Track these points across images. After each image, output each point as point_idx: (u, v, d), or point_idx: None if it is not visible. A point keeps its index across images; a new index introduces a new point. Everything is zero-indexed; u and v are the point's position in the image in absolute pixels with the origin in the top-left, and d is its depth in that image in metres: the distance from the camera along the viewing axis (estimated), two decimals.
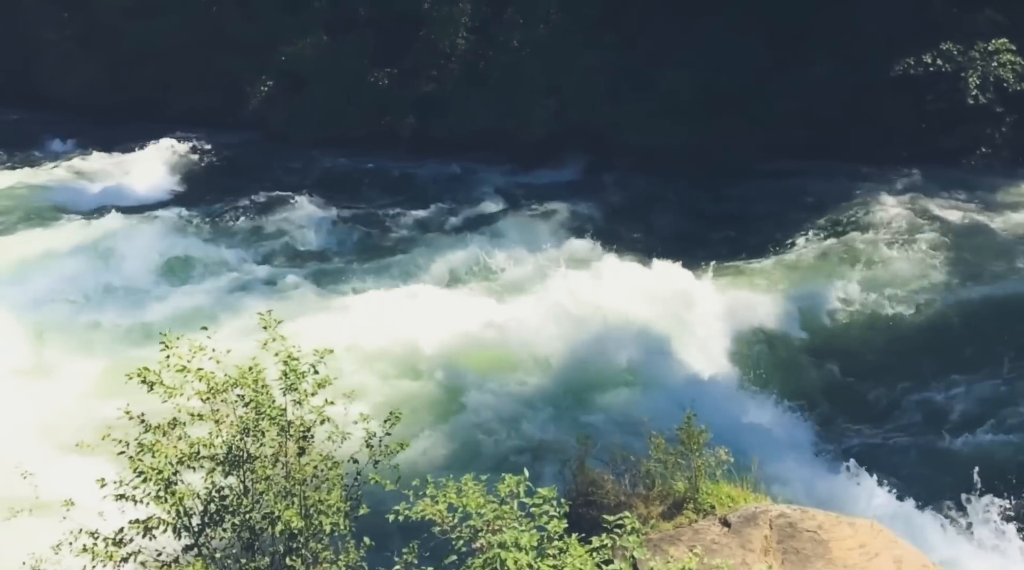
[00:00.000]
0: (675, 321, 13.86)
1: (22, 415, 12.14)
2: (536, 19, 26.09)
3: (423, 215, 21.61)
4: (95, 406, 12.07)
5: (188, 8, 29.45)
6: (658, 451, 8.49)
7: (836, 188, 21.52)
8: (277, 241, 19.81)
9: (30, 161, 26.22)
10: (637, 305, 14.19)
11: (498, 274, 17.48)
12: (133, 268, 17.82)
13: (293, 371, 7.28)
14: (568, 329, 13.76)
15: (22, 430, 11.51)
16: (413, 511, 5.59)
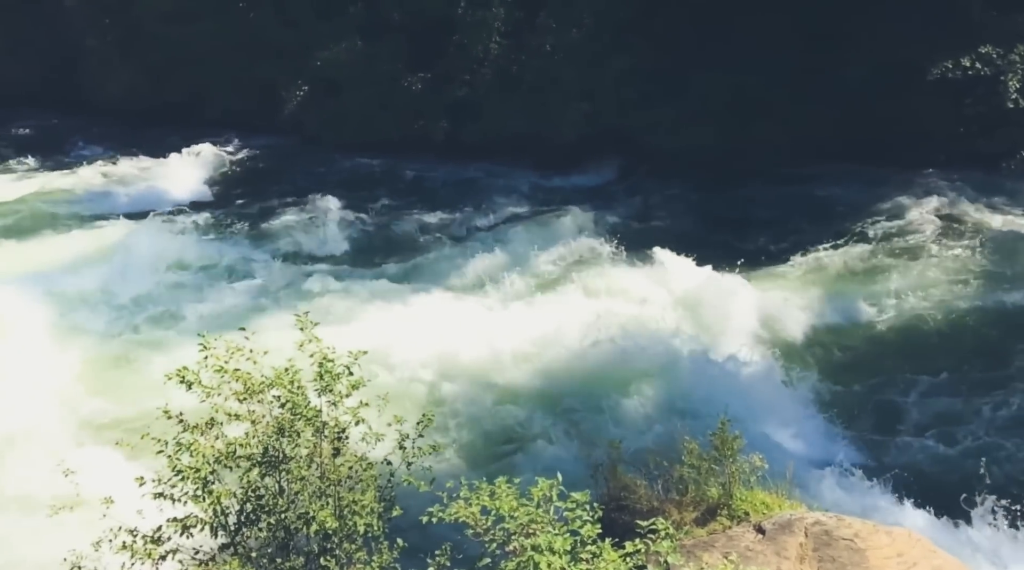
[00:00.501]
0: (707, 327, 13.75)
1: (62, 414, 12.37)
2: (569, 23, 26.10)
3: (455, 219, 21.69)
4: (134, 405, 12.29)
5: (226, 14, 29.86)
6: (691, 457, 8.44)
7: (871, 193, 21.24)
8: (311, 244, 19.99)
9: (70, 164, 26.74)
10: (669, 310, 14.11)
11: (530, 277, 17.46)
12: (170, 270, 18.10)
13: (328, 372, 7.35)
14: (600, 333, 13.72)
15: (64, 429, 11.74)
16: (446, 513, 5.60)
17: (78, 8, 32.32)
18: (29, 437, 11.64)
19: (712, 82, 23.67)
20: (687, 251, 17.23)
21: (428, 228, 21.27)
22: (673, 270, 16.49)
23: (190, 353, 10.26)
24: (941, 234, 18.78)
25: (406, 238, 20.70)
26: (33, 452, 11.24)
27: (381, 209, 22.40)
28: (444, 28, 27.10)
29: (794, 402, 12.60)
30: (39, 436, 11.65)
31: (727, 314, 14.49)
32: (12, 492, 10.64)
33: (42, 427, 11.95)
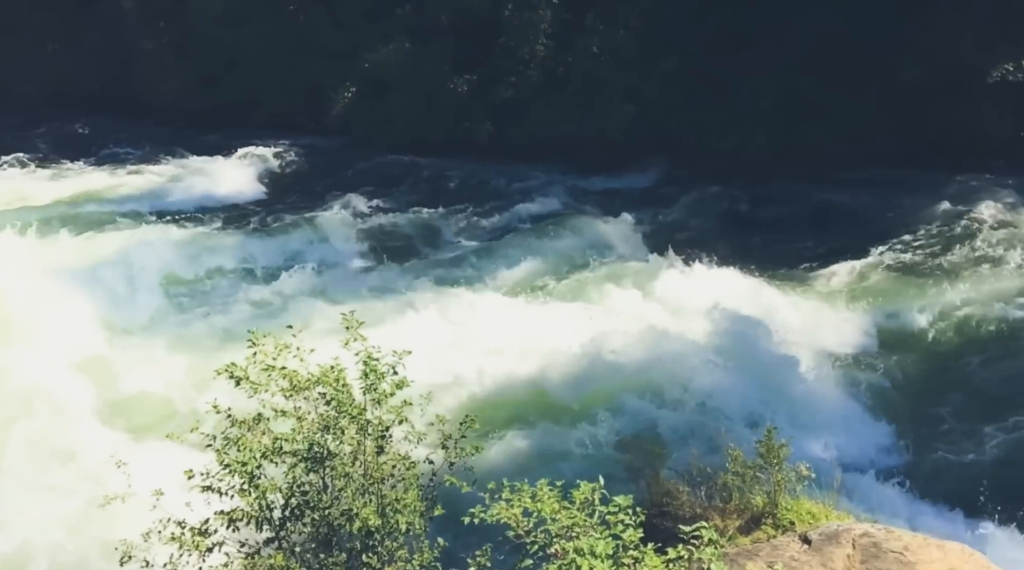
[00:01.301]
0: (754, 334, 13.54)
1: (115, 406, 12.67)
2: (616, 25, 25.98)
3: (499, 220, 21.73)
4: (184, 399, 12.56)
5: (277, 17, 30.35)
6: (736, 464, 8.33)
7: (925, 199, 20.73)
8: (357, 243, 20.20)
9: (124, 163, 27.40)
10: (715, 314, 13.93)
11: (574, 280, 17.42)
12: (219, 267, 18.45)
13: (373, 371, 7.41)
14: (644, 337, 13.61)
15: (116, 420, 12.03)
16: (488, 514, 5.59)
17: (135, 11, 33.13)
18: (80, 429, 11.95)
19: (762, 84, 23.38)
20: (734, 255, 17.03)
21: (472, 229, 21.34)
22: (719, 275, 16.29)
23: (238, 349, 10.44)
24: (998, 242, 18.25)
25: (449, 239, 20.80)
26: (84, 444, 11.55)
27: (425, 210, 22.54)
28: (491, 30, 27.19)
29: (843, 412, 12.35)
30: (90, 428, 11.95)
31: (775, 321, 14.26)
32: (65, 482, 10.93)
33: (92, 419, 12.25)
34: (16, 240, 19.50)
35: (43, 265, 17.32)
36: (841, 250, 18.55)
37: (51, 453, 11.76)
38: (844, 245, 18.86)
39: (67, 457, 11.63)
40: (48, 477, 11.32)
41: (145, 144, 29.71)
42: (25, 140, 30.69)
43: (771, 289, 16.04)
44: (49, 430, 12.15)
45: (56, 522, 10.45)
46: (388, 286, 17.13)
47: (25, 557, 10.06)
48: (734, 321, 13.72)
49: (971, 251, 18.06)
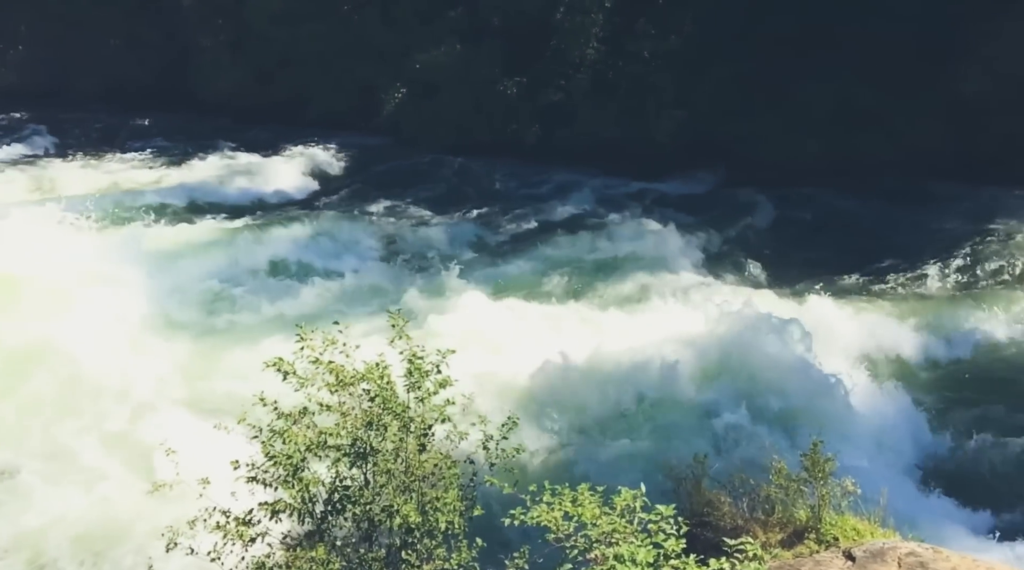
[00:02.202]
0: (802, 346, 13.29)
1: (166, 395, 12.94)
2: (668, 30, 25.82)
3: (545, 223, 21.71)
4: (233, 390, 12.77)
5: (331, 16, 30.78)
6: (779, 477, 8.19)
7: (983, 213, 20.19)
8: (403, 243, 20.34)
9: (179, 158, 27.98)
10: (761, 323, 13.71)
11: (618, 285, 17.31)
12: (268, 262, 18.74)
13: (417, 369, 7.47)
14: (687, 346, 13.45)
15: (166, 409, 12.27)
16: (528, 516, 5.59)
17: (194, 8, 33.90)
18: (132, 419, 12.24)
19: (816, 92, 23.03)
20: (784, 264, 16.79)
21: (516, 232, 21.35)
22: (767, 284, 16.07)
23: (285, 343, 10.59)
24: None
25: (494, 241, 20.83)
26: (135, 433, 11.83)
27: (471, 211, 22.63)
28: (542, 33, 27.21)
29: (891, 427, 12.07)
30: (142, 418, 12.23)
31: (823, 332, 14.00)
32: (117, 470, 11.20)
33: (144, 409, 12.54)
34: (74, 228, 20.03)
35: (99, 254, 17.75)
36: (894, 262, 18.16)
37: (102, 437, 12.06)
38: (897, 257, 18.46)
39: (118, 442, 11.92)
40: (100, 461, 11.61)
41: (199, 139, 30.32)
42: (86, 131, 31.61)
43: (820, 300, 15.74)
44: (104, 415, 12.46)
45: (104, 506, 10.73)
46: (432, 285, 17.21)
47: (70, 537, 10.33)
48: (781, 331, 13.49)
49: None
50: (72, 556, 10.05)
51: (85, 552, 10.11)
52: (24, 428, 12.38)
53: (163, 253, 18.95)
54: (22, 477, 11.47)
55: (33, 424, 12.50)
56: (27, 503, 10.90)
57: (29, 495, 11.04)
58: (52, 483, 11.25)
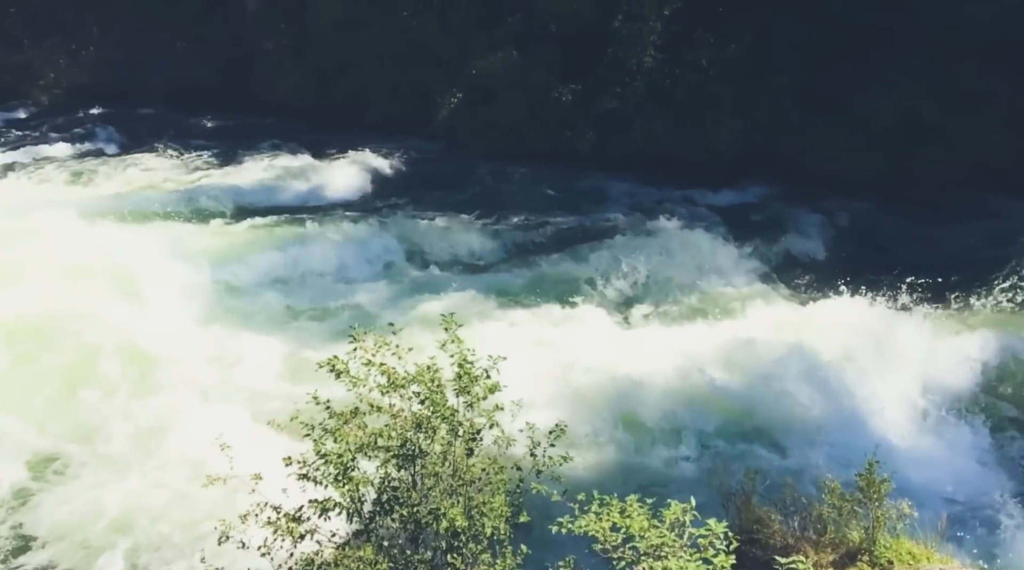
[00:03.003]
0: (863, 362, 12.97)
1: (223, 391, 13.21)
2: (727, 39, 25.55)
3: (597, 231, 21.58)
4: (286, 388, 13.00)
5: (390, 22, 31.18)
6: (832, 496, 8.02)
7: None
8: (456, 247, 20.44)
9: (240, 159, 28.55)
10: (821, 341, 13.44)
11: (671, 297, 17.13)
12: (324, 263, 19.02)
13: (467, 374, 7.50)
14: (744, 359, 13.25)
15: (220, 407, 12.53)
16: (576, 525, 5.57)
17: (258, 12, 34.67)
18: (189, 413, 12.52)
19: (878, 103, 22.56)
20: (844, 280, 16.43)
21: (568, 240, 21.28)
22: (827, 299, 15.73)
23: (338, 343, 10.70)
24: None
25: (547, 248, 20.78)
26: (192, 427, 12.09)
27: (523, 217, 22.63)
28: (599, 40, 27.16)
29: (953, 450, 11.71)
30: (198, 412, 12.51)
31: (886, 350, 13.64)
32: (174, 463, 11.47)
33: (200, 404, 12.82)
34: (139, 226, 20.61)
35: (163, 251, 18.22)
36: (958, 281, 17.62)
37: (158, 428, 12.37)
38: (961, 276, 17.90)
39: (172, 433, 12.21)
40: (154, 451, 11.91)
41: (259, 140, 30.93)
42: (150, 130, 32.51)
43: (879, 317, 15.36)
44: (159, 406, 12.78)
45: (155, 496, 11.00)
46: (483, 290, 17.25)
47: (117, 525, 10.60)
48: (838, 348, 13.21)
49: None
50: (119, 544, 10.31)
51: (133, 541, 10.37)
52: (81, 414, 12.77)
53: (219, 251, 19.37)
54: (74, 462, 11.83)
55: (89, 410, 12.89)
56: (74, 489, 11.24)
57: (78, 481, 11.38)
58: (103, 470, 11.58)
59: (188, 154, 29.09)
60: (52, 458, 11.98)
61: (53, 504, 11.06)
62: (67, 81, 37.26)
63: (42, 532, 10.62)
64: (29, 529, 10.72)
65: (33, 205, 21.75)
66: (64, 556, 10.28)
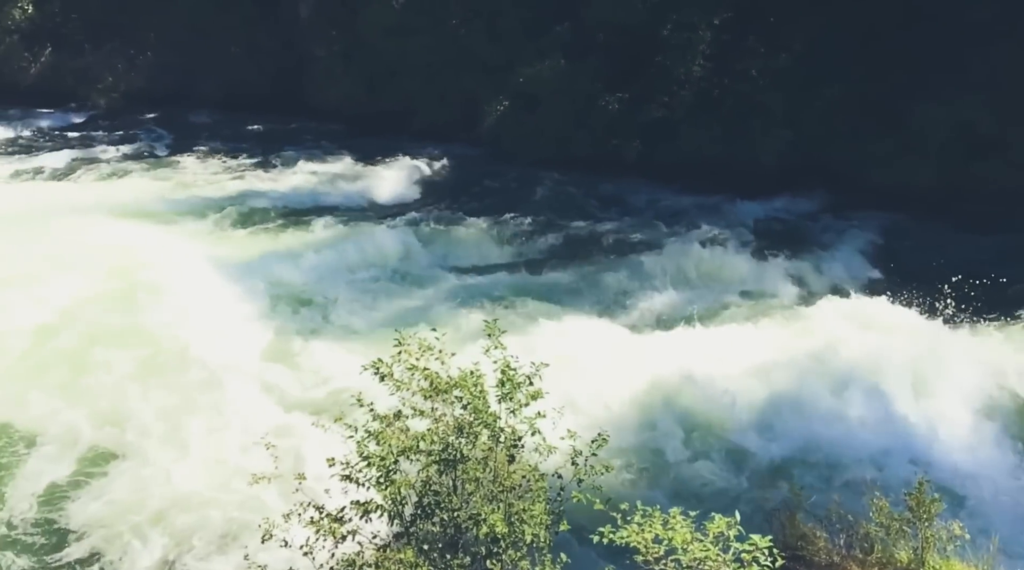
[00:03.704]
0: (915, 379, 12.64)
1: (270, 393, 13.41)
2: (778, 48, 25.25)
3: (642, 240, 21.49)
4: (330, 389, 13.16)
5: (440, 30, 31.42)
6: (880, 515, 7.85)
7: None
8: (499, 253, 20.51)
9: (290, 163, 29.01)
10: (872, 357, 13.14)
11: (719, 307, 16.93)
12: (370, 267, 19.23)
13: (510, 380, 7.50)
14: (791, 372, 13.03)
15: (268, 407, 12.72)
16: (618, 535, 5.52)
17: (310, 19, 35.21)
18: (237, 413, 12.74)
19: (934, 115, 22.07)
20: (896, 294, 16.08)
21: (612, 248, 21.20)
22: (879, 314, 15.39)
23: (381, 346, 10.74)
24: None
25: (592, 256, 20.72)
26: (239, 426, 12.30)
27: (567, 225, 22.60)
28: (647, 49, 27.03)
29: (1007, 471, 11.38)
30: (247, 412, 12.71)
31: (938, 367, 13.31)
32: (223, 462, 11.67)
33: (248, 404, 13.02)
34: (192, 229, 21.05)
35: (215, 254, 18.59)
36: (1011, 296, 17.14)
37: (203, 425, 12.60)
38: (1014, 291, 17.41)
39: (218, 430, 12.43)
40: (200, 447, 12.13)
41: (309, 145, 31.43)
42: (203, 134, 33.21)
43: (929, 332, 15.00)
44: (206, 404, 13.01)
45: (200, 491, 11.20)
46: (525, 297, 17.25)
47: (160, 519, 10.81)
48: (887, 363, 12.92)
49: None
50: (163, 538, 10.51)
51: (179, 535, 10.56)
52: (132, 409, 13.06)
53: (269, 252, 19.70)
54: (124, 455, 12.12)
55: (142, 405, 13.19)
56: (123, 482, 11.50)
57: (125, 474, 11.65)
58: (150, 463, 11.83)
59: (239, 158, 29.65)
60: (103, 449, 12.30)
61: (101, 494, 11.36)
62: (124, 85, 38.22)
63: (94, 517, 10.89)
64: (81, 515, 11.01)
65: (87, 205, 22.39)
66: (109, 543, 10.54)
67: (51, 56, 39.07)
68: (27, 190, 25.23)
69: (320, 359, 14.53)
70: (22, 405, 13.21)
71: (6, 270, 17.33)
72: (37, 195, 24.13)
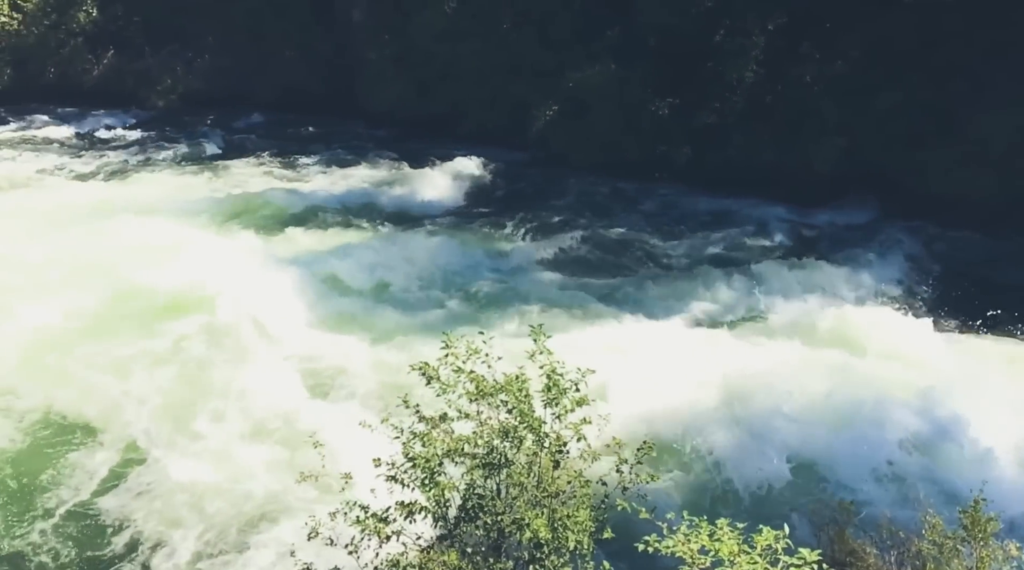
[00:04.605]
0: (969, 395, 12.29)
1: (313, 392, 13.60)
2: (834, 54, 24.80)
3: (689, 247, 21.31)
4: (376, 389, 13.29)
5: (490, 34, 31.55)
6: (934, 533, 7.64)
7: None
8: (545, 258, 20.49)
9: (342, 163, 29.45)
10: (924, 371, 12.81)
11: (763, 317, 16.67)
12: (416, 269, 19.36)
13: (556, 386, 7.48)
14: (842, 384, 12.77)
15: (315, 405, 12.90)
16: (663, 545, 5.45)
17: (364, 24, 35.64)
18: (285, 410, 12.95)
19: (995, 123, 21.45)
20: (949, 309, 15.67)
21: (659, 254, 21.06)
22: (930, 328, 14.99)
23: (425, 348, 10.82)
24: None
25: (638, 262, 20.61)
26: (286, 424, 12.50)
27: (614, 230, 22.51)
28: (699, 54, 26.79)
29: None
30: (295, 409, 12.92)
31: (996, 385, 12.93)
32: (268, 460, 11.87)
33: (296, 402, 13.23)
34: (241, 229, 21.45)
35: (265, 254, 18.91)
36: None
37: (252, 425, 12.81)
38: None
39: (268, 429, 12.64)
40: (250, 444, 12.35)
41: (359, 147, 31.87)
42: (258, 136, 33.84)
43: (988, 349, 14.59)
44: (255, 403, 13.24)
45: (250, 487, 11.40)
46: (572, 303, 17.20)
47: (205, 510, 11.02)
48: (945, 379, 12.57)
49: None
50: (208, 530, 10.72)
51: (221, 527, 10.76)
52: (181, 407, 13.37)
53: (321, 251, 19.99)
54: (172, 447, 12.40)
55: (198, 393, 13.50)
56: (165, 473, 11.77)
57: (169, 466, 11.91)
58: (200, 457, 12.09)
59: (292, 158, 30.15)
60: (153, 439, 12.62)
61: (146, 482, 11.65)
62: (183, 87, 39.13)
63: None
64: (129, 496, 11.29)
65: (147, 203, 22.98)
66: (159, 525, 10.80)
67: (113, 58, 40.18)
68: (93, 188, 25.99)
69: (363, 359, 14.68)
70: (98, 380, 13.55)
71: (85, 260, 17.94)
72: (102, 193, 24.82)
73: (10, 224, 21.05)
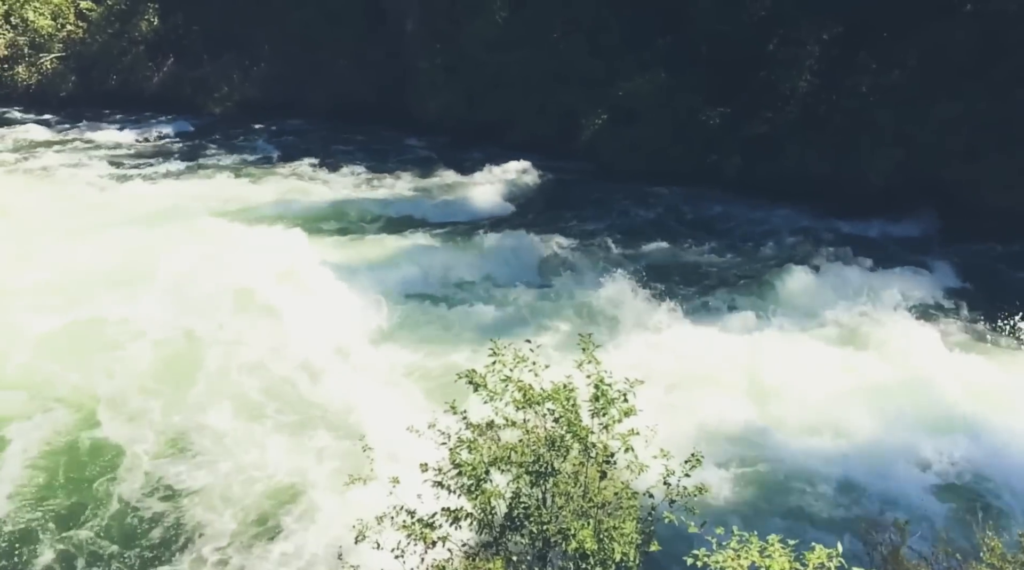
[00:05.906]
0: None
1: (367, 395, 13.72)
2: (891, 64, 24.33)
3: (741, 259, 21.04)
4: (423, 395, 13.36)
5: (540, 43, 31.63)
6: (992, 555, 7.40)
7: None
8: (594, 265, 20.38)
9: (392, 171, 29.77)
10: (985, 393, 12.40)
11: (817, 330, 16.32)
12: (466, 277, 19.48)
13: (603, 395, 7.45)
14: (900, 401, 12.48)
15: (368, 409, 13.03)
16: (712, 560, 5.39)
17: (416, 33, 36.03)
18: (335, 415, 13.11)
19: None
20: (1015, 328, 15.18)
21: (709, 266, 20.82)
22: (988, 346, 14.54)
23: (472, 355, 10.85)
24: None
25: (687, 273, 20.40)
26: (335, 429, 12.65)
27: (664, 241, 22.33)
28: (752, 63, 26.51)
29: None
30: (345, 414, 13.07)
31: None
32: (320, 465, 12.03)
33: (347, 407, 13.39)
34: (292, 235, 21.77)
35: (316, 260, 19.16)
36: None
37: (299, 429, 12.99)
38: None
39: (316, 433, 12.80)
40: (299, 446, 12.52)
41: (411, 154, 32.21)
42: (310, 142, 34.40)
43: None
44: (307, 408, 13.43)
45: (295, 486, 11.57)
46: (623, 314, 17.07)
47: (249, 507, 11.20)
48: (1004, 401, 12.19)
49: None
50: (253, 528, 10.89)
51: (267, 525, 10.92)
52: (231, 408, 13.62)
53: (371, 259, 20.21)
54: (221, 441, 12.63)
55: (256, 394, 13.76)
56: (214, 469, 11.99)
57: (217, 462, 12.14)
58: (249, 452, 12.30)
59: (344, 166, 30.55)
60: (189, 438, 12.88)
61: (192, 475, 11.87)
62: (239, 94, 39.98)
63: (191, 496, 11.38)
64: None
65: (207, 207, 23.53)
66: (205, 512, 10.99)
67: (172, 66, 41.26)
68: (156, 191, 26.58)
69: (411, 364, 14.78)
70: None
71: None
72: (165, 198, 25.37)
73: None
